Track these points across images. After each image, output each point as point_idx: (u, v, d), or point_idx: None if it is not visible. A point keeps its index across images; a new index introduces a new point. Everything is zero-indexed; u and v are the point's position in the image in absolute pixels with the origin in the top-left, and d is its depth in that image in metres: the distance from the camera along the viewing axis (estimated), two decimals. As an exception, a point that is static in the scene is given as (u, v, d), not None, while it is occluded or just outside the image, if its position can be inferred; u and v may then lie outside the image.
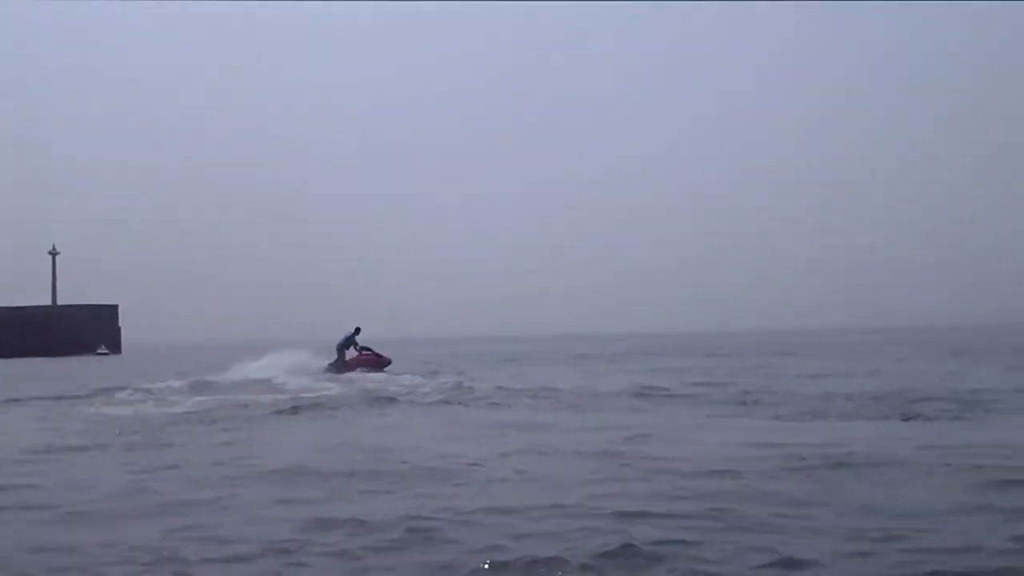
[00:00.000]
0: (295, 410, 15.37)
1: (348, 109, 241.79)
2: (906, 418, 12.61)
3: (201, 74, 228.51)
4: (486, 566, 5.34)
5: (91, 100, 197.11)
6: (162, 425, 13.47)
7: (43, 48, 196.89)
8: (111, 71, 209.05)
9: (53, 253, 72.41)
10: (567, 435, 11.21)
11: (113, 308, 73.72)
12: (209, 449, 10.67)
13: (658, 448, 9.88)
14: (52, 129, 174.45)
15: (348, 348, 26.99)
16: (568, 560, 5.37)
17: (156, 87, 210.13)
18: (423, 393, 18.81)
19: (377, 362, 26.71)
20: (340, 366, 26.32)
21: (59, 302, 72.16)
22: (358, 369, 25.90)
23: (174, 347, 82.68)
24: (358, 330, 27.06)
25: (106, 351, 67.63)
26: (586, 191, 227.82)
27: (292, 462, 9.15)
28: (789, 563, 5.26)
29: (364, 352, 26.86)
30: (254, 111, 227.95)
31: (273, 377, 22.86)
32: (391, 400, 17.20)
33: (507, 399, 17.22)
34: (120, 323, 74.07)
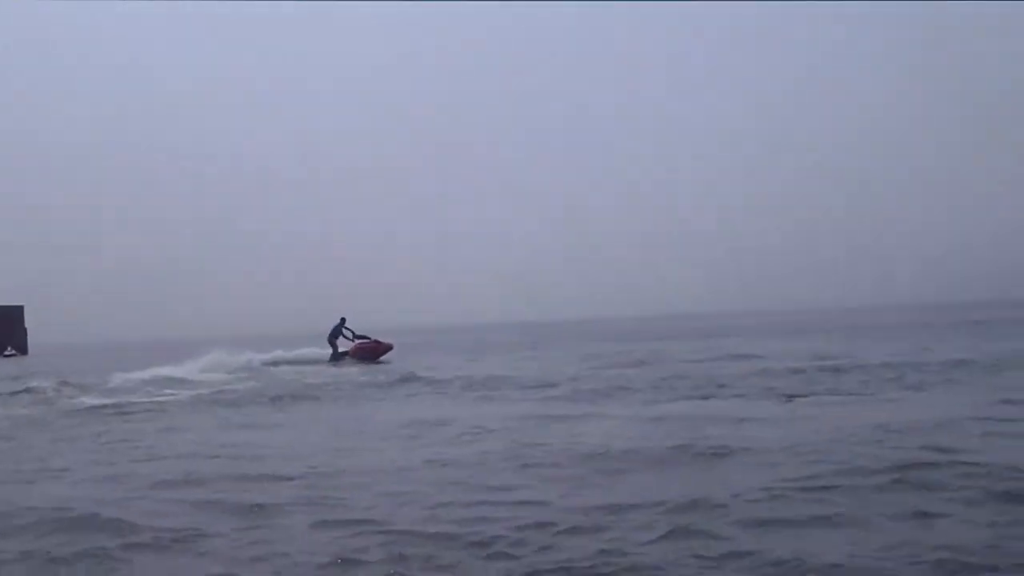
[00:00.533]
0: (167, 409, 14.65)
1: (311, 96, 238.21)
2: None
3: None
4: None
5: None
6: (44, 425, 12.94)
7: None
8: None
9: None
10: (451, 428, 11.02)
11: (19, 309, 70.83)
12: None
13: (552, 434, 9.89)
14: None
15: (338, 338, 27.21)
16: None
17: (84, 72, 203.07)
18: (339, 385, 18.51)
19: (376, 349, 26.55)
20: (338, 357, 26.50)
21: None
22: (354, 357, 26.16)
23: (90, 347, 79.77)
24: (343, 320, 27.30)
25: (13, 352, 65.21)
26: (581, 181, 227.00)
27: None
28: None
29: (361, 339, 26.82)
30: (201, 97, 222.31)
31: (187, 375, 22.29)
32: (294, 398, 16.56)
33: (436, 389, 16.76)
34: (27, 324, 71.29)
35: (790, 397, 12.56)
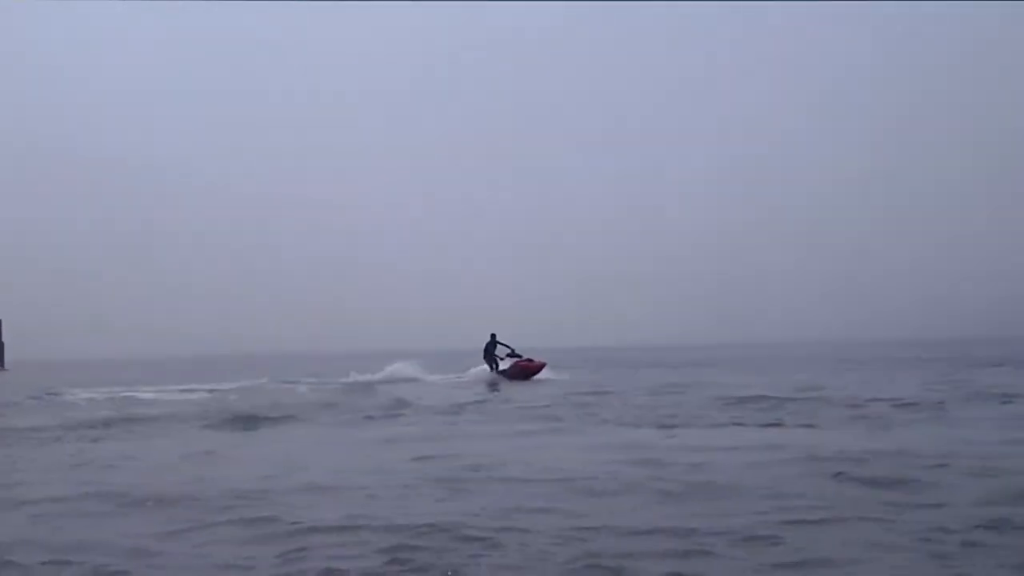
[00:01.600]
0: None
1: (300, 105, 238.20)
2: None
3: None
4: None
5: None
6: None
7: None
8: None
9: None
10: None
11: (-6, 321, 69.31)
12: None
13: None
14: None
15: (493, 355, 27.96)
16: None
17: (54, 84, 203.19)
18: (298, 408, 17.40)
19: (530, 366, 27.32)
20: (499, 373, 27.44)
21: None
22: (510, 377, 26.78)
23: (71, 363, 78.33)
24: (494, 336, 27.94)
25: (-7, 367, 63.92)
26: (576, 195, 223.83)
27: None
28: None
29: (514, 356, 27.74)
30: (177, 106, 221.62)
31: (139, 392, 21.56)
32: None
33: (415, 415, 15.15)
34: (3, 337, 69.90)
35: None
